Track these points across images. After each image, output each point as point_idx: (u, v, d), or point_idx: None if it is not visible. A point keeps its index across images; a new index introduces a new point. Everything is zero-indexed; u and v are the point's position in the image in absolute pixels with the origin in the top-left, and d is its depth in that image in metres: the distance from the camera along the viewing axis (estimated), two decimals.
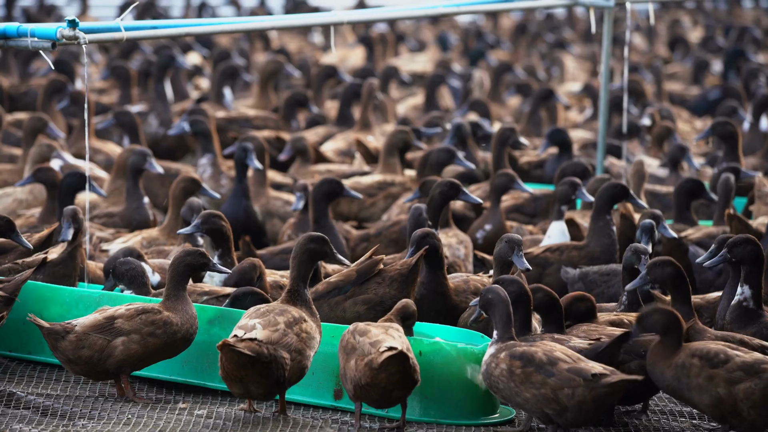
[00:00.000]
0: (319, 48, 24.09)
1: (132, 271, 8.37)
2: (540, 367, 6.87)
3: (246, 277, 8.43)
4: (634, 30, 25.46)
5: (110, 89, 17.78)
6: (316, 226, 10.21)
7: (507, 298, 7.14)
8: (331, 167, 13.03)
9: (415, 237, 8.28)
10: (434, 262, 8.32)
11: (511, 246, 8.05)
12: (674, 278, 7.60)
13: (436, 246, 8.27)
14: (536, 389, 6.86)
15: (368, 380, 6.99)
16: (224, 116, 15.14)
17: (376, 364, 6.95)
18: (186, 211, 9.61)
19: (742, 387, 6.79)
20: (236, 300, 7.98)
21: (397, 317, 7.45)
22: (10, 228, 8.65)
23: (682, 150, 12.64)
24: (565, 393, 6.79)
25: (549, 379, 6.84)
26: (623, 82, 12.41)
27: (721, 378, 6.81)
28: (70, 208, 8.83)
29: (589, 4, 11.65)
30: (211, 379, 7.84)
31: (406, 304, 7.52)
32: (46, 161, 11.95)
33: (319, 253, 7.40)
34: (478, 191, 11.64)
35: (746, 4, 30.11)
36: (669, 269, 7.61)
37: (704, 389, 6.83)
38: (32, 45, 8.37)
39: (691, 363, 6.86)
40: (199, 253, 7.67)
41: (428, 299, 8.31)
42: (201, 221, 8.85)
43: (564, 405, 6.81)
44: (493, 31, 26.58)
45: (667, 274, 7.61)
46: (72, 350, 7.48)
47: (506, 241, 8.09)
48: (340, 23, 10.15)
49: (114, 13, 25.87)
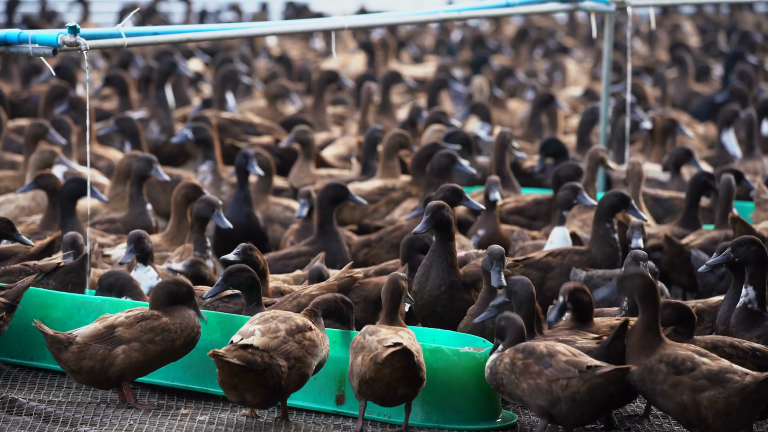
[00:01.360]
0: (321, 54, 24.10)
1: (119, 281, 8.37)
2: (540, 358, 6.95)
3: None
4: (635, 34, 25.47)
5: (111, 95, 17.79)
6: (321, 231, 10.20)
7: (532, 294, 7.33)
8: (332, 172, 13.02)
9: (429, 206, 8.43)
10: (445, 234, 8.46)
11: (491, 259, 8.07)
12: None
13: (448, 220, 8.41)
14: (533, 380, 6.93)
15: (372, 374, 7.06)
16: (229, 117, 15.14)
17: (380, 358, 7.03)
18: (204, 205, 9.74)
19: (706, 395, 6.83)
20: (229, 275, 7.95)
21: (388, 301, 7.48)
22: (10, 228, 8.68)
23: (688, 153, 12.59)
24: (560, 384, 6.85)
25: (546, 370, 6.91)
26: (626, 86, 12.40)
27: (686, 385, 6.86)
28: (69, 234, 8.96)
29: (590, 9, 11.66)
30: (213, 385, 7.83)
31: (395, 278, 7.53)
32: (49, 167, 11.95)
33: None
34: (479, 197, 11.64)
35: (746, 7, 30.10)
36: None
37: (669, 396, 6.89)
38: (33, 51, 8.38)
39: (658, 368, 6.91)
40: (183, 283, 7.69)
41: (435, 270, 8.44)
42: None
43: (557, 396, 6.86)
44: (493, 35, 26.58)
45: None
46: (74, 361, 7.49)
47: (489, 253, 8.13)
48: (341, 29, 10.15)
49: (115, 19, 25.89)
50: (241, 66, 18.26)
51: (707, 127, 16.85)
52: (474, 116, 15.87)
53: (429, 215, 8.42)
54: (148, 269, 8.87)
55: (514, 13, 11.52)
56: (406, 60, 23.36)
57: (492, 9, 11.37)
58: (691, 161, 12.56)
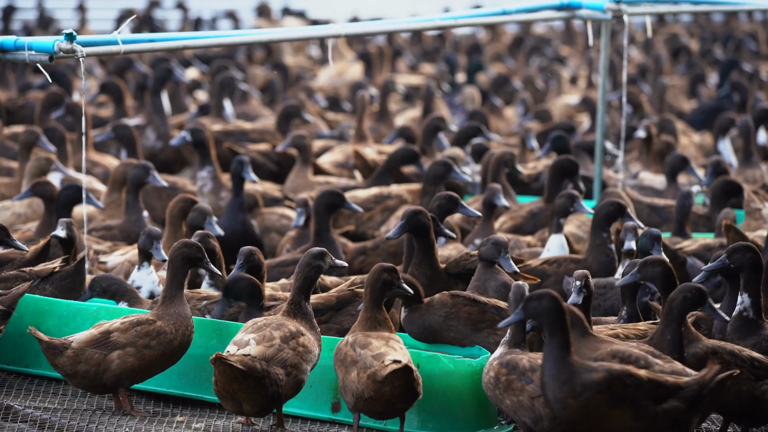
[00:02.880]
0: (317, 62, 24.12)
1: (112, 286, 8.37)
2: (522, 374, 6.84)
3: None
4: (630, 42, 25.49)
5: (107, 103, 17.78)
6: (317, 239, 10.20)
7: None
8: (330, 179, 13.02)
9: (406, 213, 8.43)
10: (426, 241, 8.44)
11: (498, 248, 8.03)
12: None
13: (425, 225, 8.39)
14: (515, 396, 6.83)
15: (372, 393, 6.98)
16: (221, 130, 15.13)
17: (380, 377, 6.94)
18: (197, 214, 9.69)
19: None
20: (228, 289, 7.95)
21: (371, 292, 7.33)
22: (5, 234, 8.70)
23: (684, 161, 12.58)
24: (541, 401, 6.70)
25: (528, 386, 6.81)
26: (622, 94, 12.40)
27: None
28: (64, 219, 9.13)
29: (587, 17, 11.67)
30: (209, 392, 7.83)
31: (378, 269, 7.37)
32: (45, 174, 11.95)
33: (321, 269, 7.44)
34: (475, 204, 11.64)
35: (742, 16, 30.15)
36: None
37: None
38: (29, 58, 8.37)
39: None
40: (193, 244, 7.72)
41: (418, 277, 8.40)
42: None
43: (539, 414, 6.75)
44: (489, 43, 26.60)
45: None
46: (70, 365, 7.49)
47: (493, 242, 8.08)
48: (337, 36, 10.15)
49: (113, 26, 25.89)
50: (237, 74, 18.27)
51: (703, 136, 16.86)
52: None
53: (404, 220, 8.42)
54: (151, 271, 8.89)
55: (509, 21, 11.52)
56: (402, 68, 23.38)
57: (488, 17, 11.37)
58: (687, 169, 12.56)
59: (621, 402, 6.45)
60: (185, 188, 12.57)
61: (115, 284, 8.42)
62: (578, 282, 7.51)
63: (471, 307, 7.80)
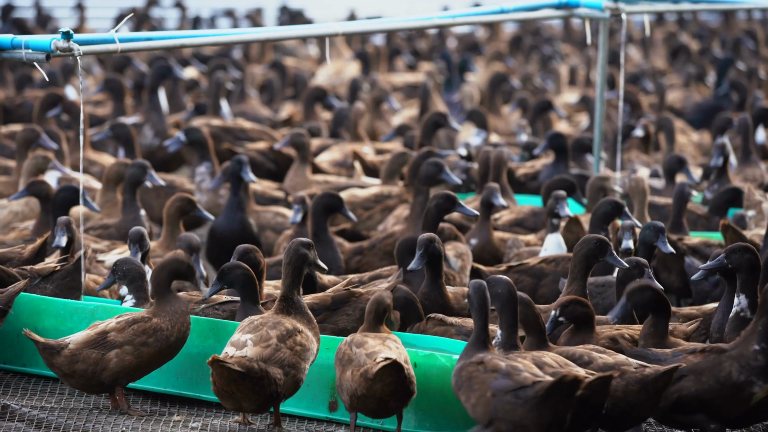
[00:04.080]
0: (315, 60, 24.09)
1: (132, 271, 8.29)
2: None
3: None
4: (629, 41, 25.48)
5: (105, 101, 17.77)
6: (315, 239, 10.20)
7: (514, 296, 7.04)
8: (329, 179, 13.00)
9: (420, 241, 8.43)
10: (435, 270, 8.49)
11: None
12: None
13: (439, 253, 8.45)
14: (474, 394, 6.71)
15: (364, 391, 6.99)
16: (220, 125, 15.13)
17: (371, 374, 6.94)
18: (183, 246, 9.53)
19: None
20: (223, 274, 7.92)
21: (371, 315, 7.33)
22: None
23: (680, 162, 12.58)
24: None
25: None
26: (619, 93, 12.39)
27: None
28: (63, 217, 9.05)
29: (585, 15, 11.65)
30: (206, 392, 7.82)
31: (380, 298, 7.35)
32: (42, 173, 11.93)
33: (307, 258, 7.38)
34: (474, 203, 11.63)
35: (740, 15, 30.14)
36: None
37: None
38: (26, 57, 8.35)
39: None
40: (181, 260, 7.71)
41: (429, 310, 8.42)
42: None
43: None
44: (487, 42, 26.59)
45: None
46: (67, 365, 7.48)
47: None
48: (335, 35, 10.13)
49: (112, 25, 25.86)
50: (234, 72, 18.26)
51: (702, 135, 16.85)
52: (470, 123, 15.86)
53: (422, 250, 8.42)
54: (148, 271, 8.87)
55: (508, 19, 11.51)
56: (400, 67, 23.36)
57: (486, 15, 11.36)
58: (683, 169, 12.55)
59: None
60: (183, 187, 12.56)
61: (133, 271, 8.32)
62: (554, 312, 7.56)
63: (438, 327, 8.14)
